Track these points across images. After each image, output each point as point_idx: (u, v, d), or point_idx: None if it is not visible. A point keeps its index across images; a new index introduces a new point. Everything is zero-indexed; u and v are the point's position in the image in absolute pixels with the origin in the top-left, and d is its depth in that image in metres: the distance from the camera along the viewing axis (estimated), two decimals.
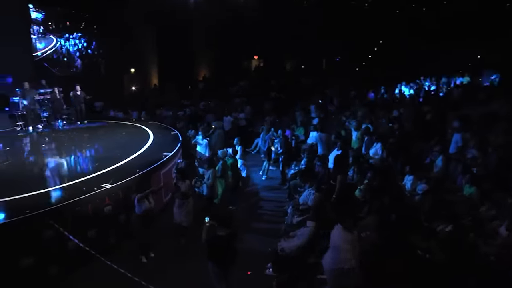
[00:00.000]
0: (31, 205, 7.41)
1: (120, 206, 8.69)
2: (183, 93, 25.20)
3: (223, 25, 30.26)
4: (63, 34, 23.42)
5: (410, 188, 8.28)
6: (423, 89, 21.61)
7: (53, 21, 22.75)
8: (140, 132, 14.43)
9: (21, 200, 7.73)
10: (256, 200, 11.17)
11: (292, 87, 24.13)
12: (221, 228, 5.70)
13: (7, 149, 12.69)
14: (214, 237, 5.70)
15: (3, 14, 18.43)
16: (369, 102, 17.86)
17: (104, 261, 6.83)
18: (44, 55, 21.78)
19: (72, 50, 23.94)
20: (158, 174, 10.06)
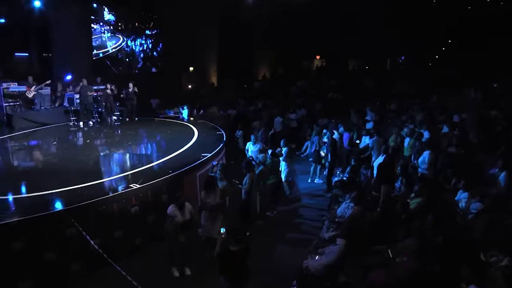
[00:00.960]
0: (54, 202, 7.42)
1: (149, 207, 8.37)
2: (239, 92, 24.84)
3: (284, 25, 29.77)
4: (130, 34, 24.12)
5: (464, 206, 7.17)
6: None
7: (123, 22, 23.50)
8: (185, 131, 14.19)
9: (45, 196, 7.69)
10: (296, 207, 10.45)
11: (352, 88, 22.93)
12: (234, 242, 5.11)
13: (54, 143, 12.99)
14: (226, 251, 5.13)
15: (67, 15, 19.25)
16: (430, 105, 16.34)
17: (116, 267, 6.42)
18: (108, 53, 22.40)
19: (137, 51, 24.57)
20: (193, 176, 9.65)
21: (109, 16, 22.49)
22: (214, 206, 7.53)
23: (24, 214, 6.75)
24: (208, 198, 7.54)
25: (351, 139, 12.60)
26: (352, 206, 7.00)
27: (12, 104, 15.98)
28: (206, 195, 7.60)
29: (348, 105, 18.25)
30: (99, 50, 21.97)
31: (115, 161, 10.63)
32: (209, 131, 13.96)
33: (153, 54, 25.73)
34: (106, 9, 22.33)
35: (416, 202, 7.12)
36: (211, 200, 7.51)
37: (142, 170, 9.36)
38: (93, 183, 8.35)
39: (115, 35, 22.99)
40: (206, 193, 7.61)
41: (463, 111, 14.00)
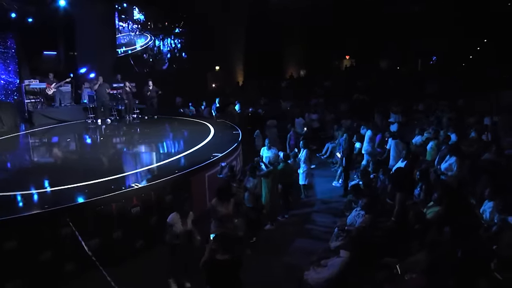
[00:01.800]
0: (53, 200, 7.17)
1: (151, 208, 7.99)
2: (264, 92, 24.37)
3: (314, 24, 29.24)
4: (159, 33, 24.17)
5: (489, 218, 6.42)
6: None
7: (152, 21, 23.56)
8: (202, 129, 13.80)
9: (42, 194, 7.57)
10: (310, 212, 9.85)
11: (380, 88, 22.06)
12: (222, 251, 4.63)
13: (67, 140, 12.91)
14: (212, 260, 4.66)
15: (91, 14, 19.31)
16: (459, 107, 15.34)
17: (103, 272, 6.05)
18: (135, 50, 22.42)
19: (164, 51, 24.57)
20: (201, 177, 9.22)
21: (139, 15, 22.59)
22: (225, 216, 6.86)
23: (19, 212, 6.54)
24: (220, 206, 6.88)
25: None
26: (362, 214, 6.42)
27: (33, 101, 16.06)
28: (218, 202, 6.93)
29: (374, 106, 17.53)
30: (127, 47, 22.02)
31: (121, 160, 10.35)
32: (226, 131, 13.54)
33: (181, 54, 25.70)
34: (137, 9, 22.46)
35: (433, 211, 6.45)
36: (223, 209, 6.85)
37: (148, 169, 9.03)
38: (94, 182, 8.06)
39: (144, 34, 23.03)
40: (218, 200, 6.94)
41: (495, 113, 13.04)
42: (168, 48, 24.80)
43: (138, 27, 22.71)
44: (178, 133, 13.77)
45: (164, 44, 24.51)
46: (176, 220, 6.31)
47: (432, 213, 6.45)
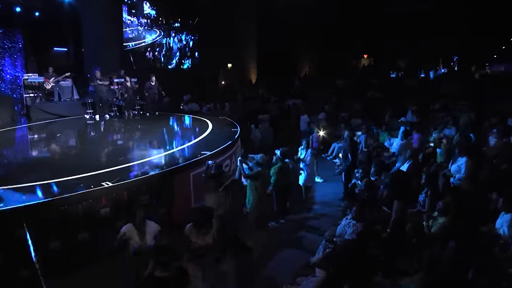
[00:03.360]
0: (11, 198, 6.43)
1: (123, 210, 7.18)
2: (276, 90, 23.51)
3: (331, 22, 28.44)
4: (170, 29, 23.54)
5: (507, 233, 5.35)
6: None
7: (164, 16, 22.95)
8: (199, 126, 13.03)
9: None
10: (305, 218, 8.85)
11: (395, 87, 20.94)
12: (161, 267, 3.77)
13: (57, 135, 12.29)
14: (151, 277, 3.80)
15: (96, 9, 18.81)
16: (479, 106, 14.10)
17: None
18: (136, 47, 21.75)
19: (174, 48, 23.93)
20: (185, 176, 8.38)
21: (149, 10, 21.98)
22: (201, 250, 5.11)
23: None
24: (196, 237, 5.12)
25: None
26: (353, 223, 5.47)
27: (32, 95, 15.57)
28: (193, 230, 5.18)
29: (388, 105, 16.52)
30: (133, 41, 21.38)
31: (103, 156, 9.52)
32: (224, 128, 12.70)
33: (192, 51, 25.05)
34: (148, 4, 21.85)
35: (439, 223, 5.46)
36: (199, 241, 5.09)
37: (126, 167, 8.24)
38: (63, 180, 7.32)
39: (153, 29, 22.40)
40: (194, 228, 5.18)
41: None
42: (179, 45, 24.07)
43: (147, 22, 22.02)
44: (173, 130, 13.08)
45: (175, 41, 23.81)
46: (132, 232, 5.26)
47: (437, 225, 5.46)
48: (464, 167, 6.86)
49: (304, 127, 14.22)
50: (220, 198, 6.59)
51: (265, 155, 8.01)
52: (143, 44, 22.07)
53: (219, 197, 6.64)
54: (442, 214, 5.53)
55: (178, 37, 24.12)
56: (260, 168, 7.76)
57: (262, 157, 7.86)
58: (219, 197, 6.63)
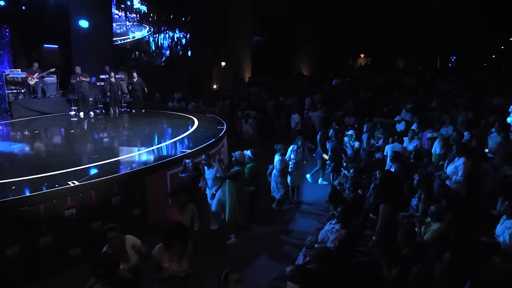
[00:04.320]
0: None
1: (92, 211, 6.62)
2: (269, 88, 22.99)
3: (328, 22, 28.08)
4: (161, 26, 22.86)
5: (508, 242, 4.65)
6: None
7: (155, 13, 22.30)
8: (185, 124, 12.49)
9: None
10: (289, 221, 8.26)
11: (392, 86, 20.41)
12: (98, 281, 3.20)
13: (35, 132, 11.73)
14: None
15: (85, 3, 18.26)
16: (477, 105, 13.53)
17: None
18: (126, 41, 21.10)
19: (165, 45, 23.27)
20: (161, 176, 7.81)
21: (139, 5, 21.30)
22: (173, 276, 4.30)
23: None
24: (168, 260, 4.30)
25: None
26: (337, 229, 4.90)
27: (15, 92, 14.98)
28: (165, 253, 4.33)
29: (383, 104, 16.02)
30: (120, 37, 20.73)
31: (76, 154, 8.86)
32: (210, 126, 12.15)
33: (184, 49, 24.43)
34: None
35: (433, 230, 4.90)
36: (172, 265, 4.29)
37: (99, 165, 7.67)
38: (26, 178, 6.75)
39: (142, 25, 21.72)
40: (166, 250, 4.34)
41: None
42: (169, 43, 23.40)
43: (136, 17, 21.35)
44: (156, 127, 12.46)
45: (166, 38, 23.15)
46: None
47: (430, 232, 4.90)
48: (462, 168, 6.28)
49: (294, 125, 13.64)
50: (193, 212, 5.79)
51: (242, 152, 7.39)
52: (131, 39, 21.36)
53: (192, 211, 5.79)
54: (435, 219, 4.98)
55: (169, 34, 23.44)
56: (239, 167, 7.17)
57: (241, 155, 7.24)
58: (192, 211, 5.78)
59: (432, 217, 5.01)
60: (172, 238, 4.27)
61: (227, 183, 7.08)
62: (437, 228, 4.90)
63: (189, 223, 5.58)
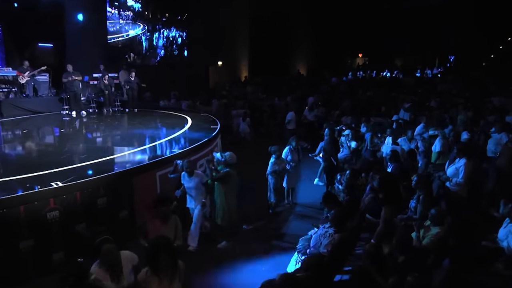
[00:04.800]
0: None
1: (76, 213, 6.34)
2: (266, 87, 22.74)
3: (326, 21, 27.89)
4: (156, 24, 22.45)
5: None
6: None
7: (151, 10, 21.89)
8: (177, 123, 12.19)
9: None
10: (279, 223, 7.94)
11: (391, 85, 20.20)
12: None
13: (24, 131, 11.43)
14: None
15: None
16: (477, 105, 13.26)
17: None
18: (118, 39, 20.70)
19: (159, 44, 22.86)
20: (150, 176, 7.52)
21: (133, 3, 20.89)
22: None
23: None
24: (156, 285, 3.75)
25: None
26: (330, 233, 4.63)
27: (6, 90, 14.69)
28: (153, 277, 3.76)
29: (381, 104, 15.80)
30: (114, 35, 20.34)
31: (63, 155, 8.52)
32: (204, 125, 11.88)
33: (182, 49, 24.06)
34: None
35: (432, 234, 4.63)
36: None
37: (86, 165, 7.38)
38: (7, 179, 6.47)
39: (136, 23, 21.30)
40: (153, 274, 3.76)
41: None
42: (164, 42, 22.99)
43: (130, 15, 20.97)
44: (148, 127, 12.15)
45: (161, 36, 22.76)
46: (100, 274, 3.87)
47: (430, 237, 4.63)
48: (463, 170, 6.00)
49: (291, 126, 13.40)
50: (177, 224, 5.16)
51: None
52: (125, 38, 20.95)
53: (176, 222, 5.14)
54: (435, 223, 4.71)
55: (165, 32, 23.04)
56: (228, 168, 6.85)
57: (231, 156, 6.94)
58: (176, 223, 5.14)
59: (432, 221, 4.74)
60: (159, 256, 3.71)
61: (216, 185, 6.77)
62: (437, 233, 4.64)
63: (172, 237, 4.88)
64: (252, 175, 9.09)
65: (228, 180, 6.75)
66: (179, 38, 23.92)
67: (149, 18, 21.79)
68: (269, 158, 8.53)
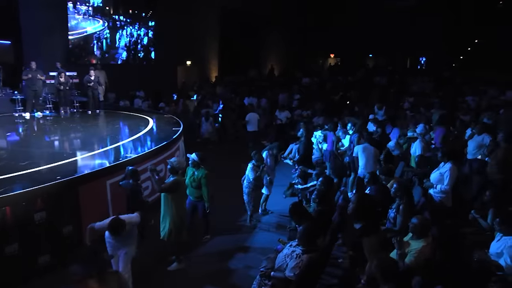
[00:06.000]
0: None
1: (4, 232, 5.43)
2: (234, 88, 22.03)
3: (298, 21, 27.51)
4: (116, 21, 21.03)
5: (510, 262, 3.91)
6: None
7: (112, 6, 20.45)
8: (138, 125, 11.26)
9: None
10: (243, 236, 7.11)
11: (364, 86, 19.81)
12: None
13: None
14: None
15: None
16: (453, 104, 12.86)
17: None
18: (78, 36, 19.28)
19: (121, 42, 21.42)
20: (99, 185, 6.67)
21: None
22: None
23: None
24: None
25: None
26: (298, 253, 3.93)
27: None
28: None
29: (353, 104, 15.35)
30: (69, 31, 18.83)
31: (4, 161, 7.59)
32: (166, 127, 11.05)
33: (148, 47, 22.85)
34: None
35: (415, 250, 4.00)
36: None
37: (25, 173, 6.47)
38: None
39: (95, 18, 19.80)
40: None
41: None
42: (126, 42, 21.61)
43: (88, 10, 19.34)
44: (106, 129, 11.31)
45: (124, 34, 21.37)
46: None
47: (413, 253, 3.98)
48: (449, 175, 5.39)
49: (252, 127, 12.78)
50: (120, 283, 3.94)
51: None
52: (84, 35, 19.46)
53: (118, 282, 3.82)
54: (417, 235, 4.09)
55: (129, 30, 21.64)
56: (176, 176, 6.01)
57: (178, 162, 6.10)
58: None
59: (414, 232, 4.12)
60: None
61: (163, 196, 5.92)
62: (421, 248, 4.01)
63: None
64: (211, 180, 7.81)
65: (177, 189, 5.90)
66: (145, 37, 22.73)
67: (110, 14, 20.39)
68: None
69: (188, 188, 6.54)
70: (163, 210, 5.95)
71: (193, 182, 6.51)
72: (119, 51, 20.82)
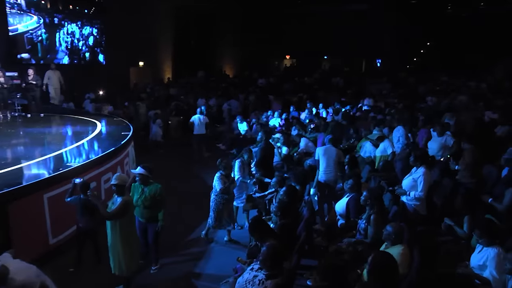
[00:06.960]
0: None
1: None
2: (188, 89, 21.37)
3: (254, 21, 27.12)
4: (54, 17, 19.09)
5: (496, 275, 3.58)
6: None
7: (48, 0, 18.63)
8: (85, 129, 10.40)
9: None
10: (198, 256, 6.32)
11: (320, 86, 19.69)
12: None
13: None
14: None
15: None
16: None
17: None
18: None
19: (60, 41, 19.67)
20: (34, 200, 5.83)
21: None
22: None
23: None
24: None
25: None
26: (260, 279, 3.39)
27: None
28: None
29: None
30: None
31: None
32: (115, 131, 10.23)
33: (93, 47, 21.47)
34: None
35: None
36: None
37: None
38: None
39: (28, 14, 17.82)
40: None
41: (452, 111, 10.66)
42: (70, 39, 19.99)
43: (21, 4, 17.29)
44: (47, 134, 10.27)
45: (63, 32, 19.51)
46: None
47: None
48: (422, 181, 5.02)
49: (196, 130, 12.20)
50: None
51: None
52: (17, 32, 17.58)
53: None
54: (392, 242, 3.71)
55: (70, 28, 19.89)
56: (122, 196, 5.05)
57: (121, 178, 5.16)
58: None
59: (388, 239, 3.74)
60: None
61: (108, 224, 5.07)
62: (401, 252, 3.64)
63: None
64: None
65: (126, 213, 5.04)
66: (91, 36, 21.18)
67: (46, 9, 18.46)
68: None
69: (137, 209, 5.61)
70: (111, 239, 5.09)
71: (145, 201, 5.51)
72: (58, 56, 19.12)
